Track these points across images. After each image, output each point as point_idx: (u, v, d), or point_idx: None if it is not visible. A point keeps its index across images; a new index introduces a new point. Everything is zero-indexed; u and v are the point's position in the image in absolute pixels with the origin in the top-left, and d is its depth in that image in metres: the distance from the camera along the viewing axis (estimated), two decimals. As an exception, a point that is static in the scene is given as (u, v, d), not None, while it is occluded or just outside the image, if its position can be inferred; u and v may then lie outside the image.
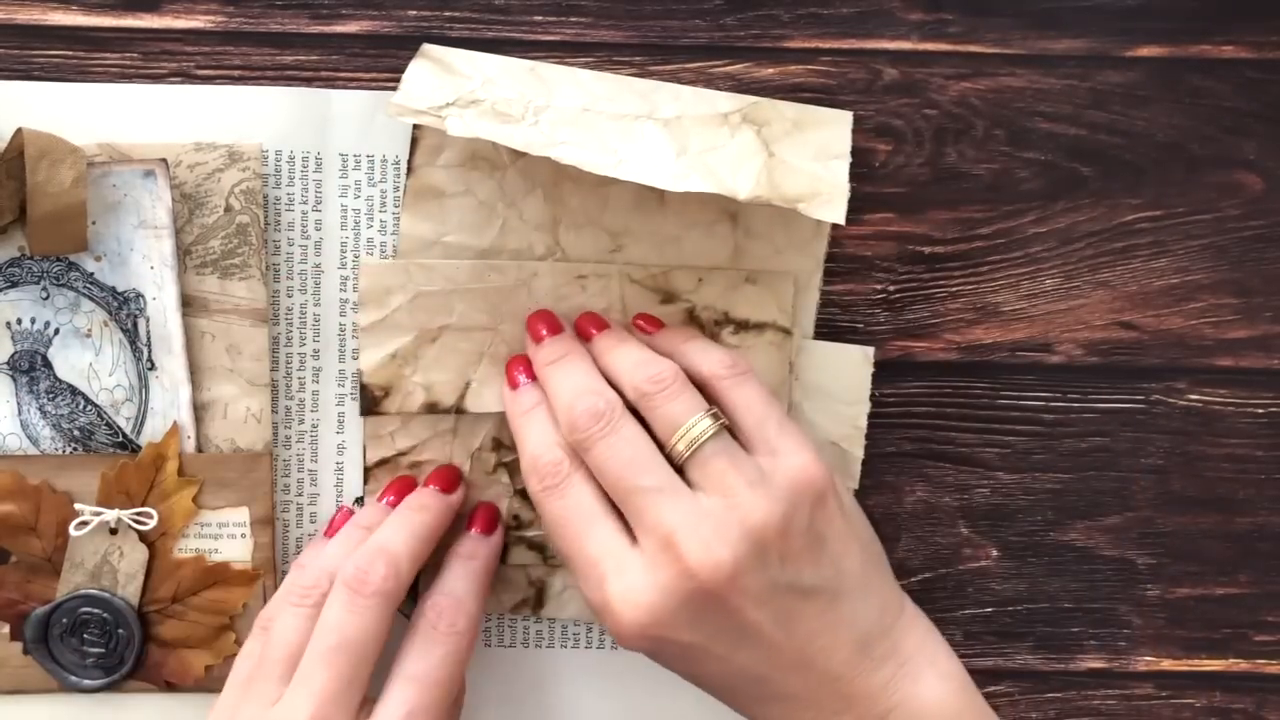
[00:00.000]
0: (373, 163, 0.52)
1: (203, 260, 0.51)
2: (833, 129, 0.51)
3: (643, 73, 0.52)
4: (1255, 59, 0.53)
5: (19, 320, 0.51)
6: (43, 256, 0.51)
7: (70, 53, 0.51)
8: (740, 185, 0.47)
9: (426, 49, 0.51)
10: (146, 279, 0.51)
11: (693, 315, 0.52)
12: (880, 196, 0.53)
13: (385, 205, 0.52)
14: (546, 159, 0.47)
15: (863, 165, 0.53)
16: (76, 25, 0.51)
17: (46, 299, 0.51)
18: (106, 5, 0.51)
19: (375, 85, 0.52)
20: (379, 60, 0.52)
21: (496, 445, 0.52)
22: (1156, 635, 0.54)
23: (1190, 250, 0.53)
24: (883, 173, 0.53)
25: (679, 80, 0.52)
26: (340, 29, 0.52)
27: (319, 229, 0.52)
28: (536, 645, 0.54)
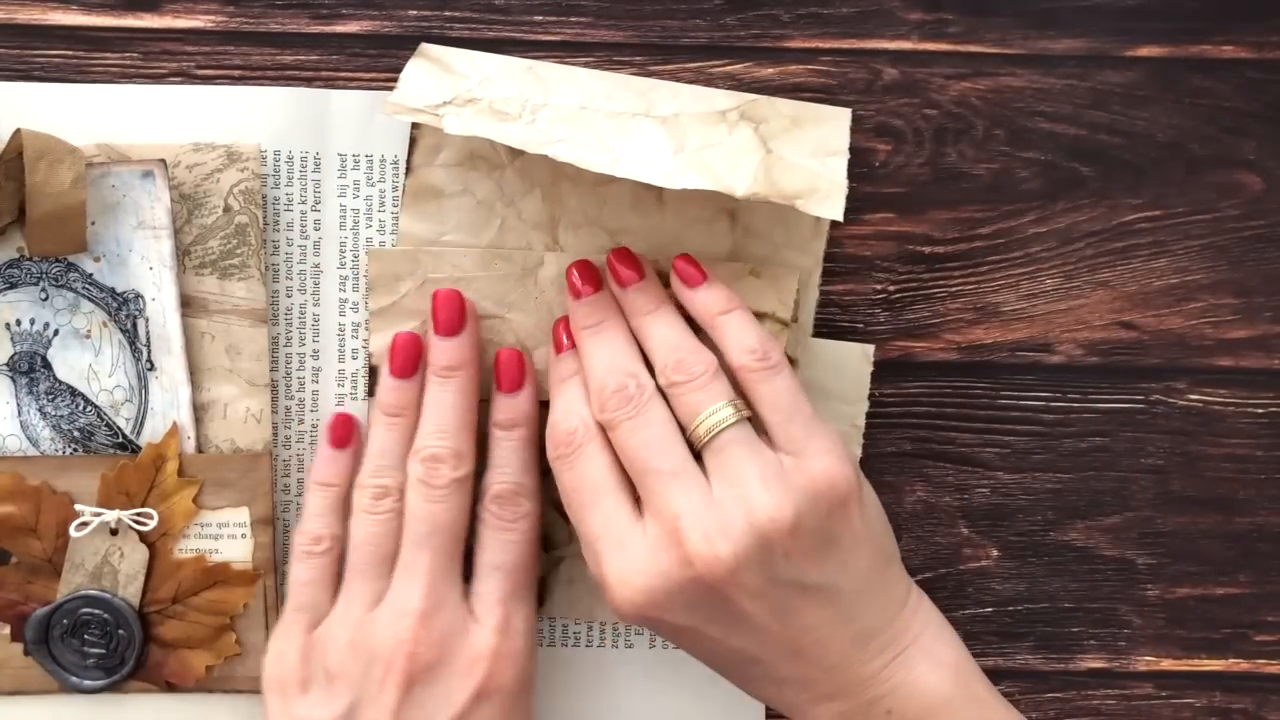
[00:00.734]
0: (371, 162, 0.52)
1: (202, 260, 0.51)
2: (831, 126, 0.51)
3: (642, 72, 0.52)
4: (1255, 59, 0.53)
5: (18, 321, 0.51)
6: (42, 257, 0.51)
7: (70, 53, 0.51)
8: (738, 182, 0.47)
9: (424, 48, 0.51)
10: (145, 279, 0.51)
11: None
12: (880, 196, 0.53)
13: (384, 205, 0.52)
14: (545, 158, 0.47)
15: (863, 165, 0.53)
16: (76, 25, 0.51)
17: (46, 300, 0.51)
18: (106, 5, 0.51)
19: (375, 85, 0.52)
20: (379, 60, 0.52)
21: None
22: (1156, 635, 0.54)
23: (1190, 250, 0.53)
24: (883, 172, 0.53)
25: (678, 80, 0.52)
26: (340, 29, 0.52)
27: (318, 229, 0.52)
28: (537, 645, 0.54)
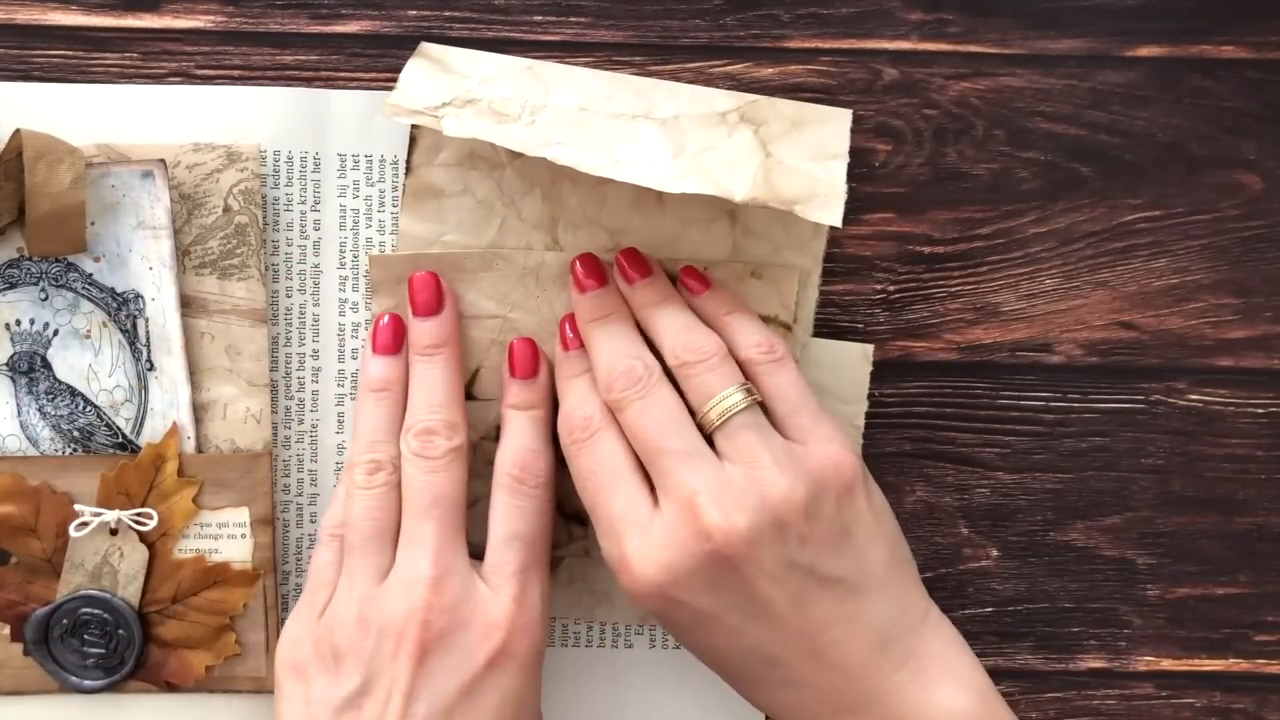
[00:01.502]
0: (371, 162, 0.52)
1: (201, 261, 0.51)
2: (831, 128, 0.51)
3: (642, 72, 0.52)
4: (1255, 59, 0.53)
5: (18, 321, 0.51)
6: (41, 257, 0.51)
7: (70, 53, 0.51)
8: (737, 187, 0.47)
9: (424, 47, 0.51)
10: (145, 280, 0.51)
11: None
12: (880, 196, 0.53)
13: (384, 205, 0.52)
14: (544, 158, 0.47)
15: (863, 165, 0.53)
16: (76, 25, 0.51)
17: (45, 300, 0.51)
18: (106, 5, 0.51)
19: (375, 85, 0.52)
20: (379, 60, 0.52)
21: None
22: (1156, 635, 0.54)
23: (1190, 250, 0.53)
24: (883, 173, 0.53)
25: (678, 80, 0.52)
26: (340, 29, 0.52)
27: (318, 229, 0.52)
28: (536, 645, 0.54)
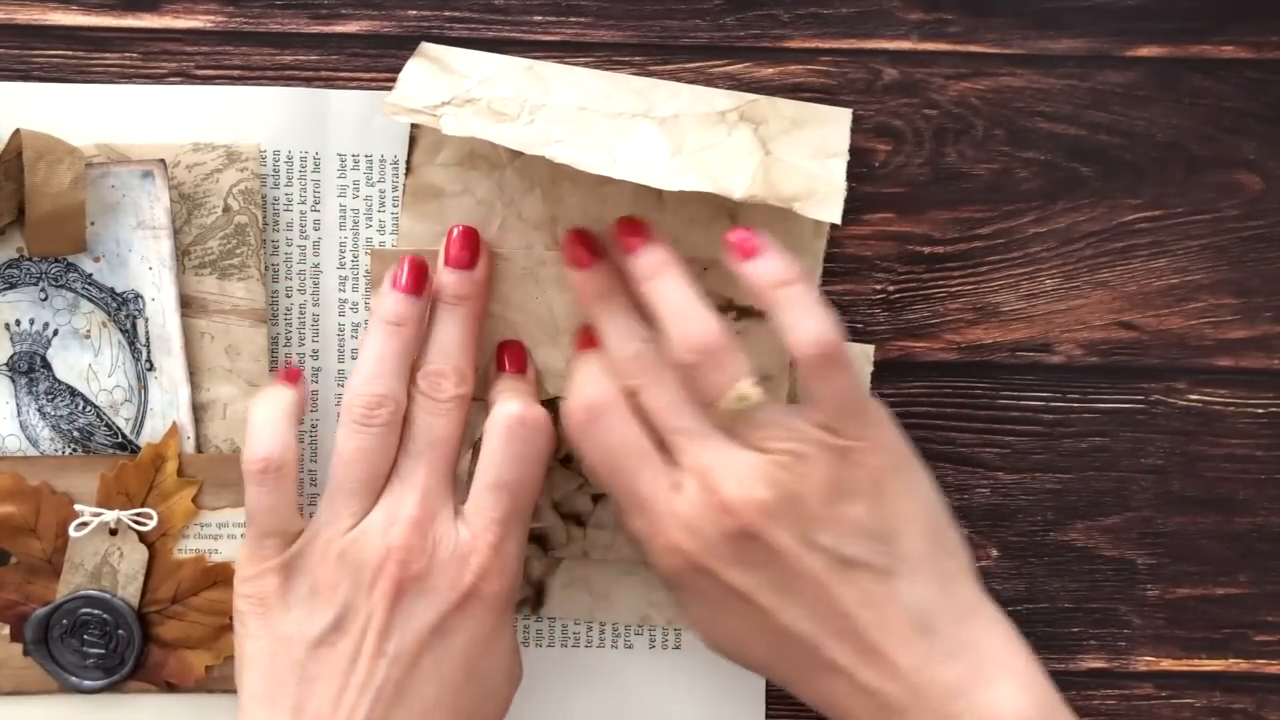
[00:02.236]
0: (371, 162, 0.52)
1: (201, 261, 0.51)
2: (831, 127, 0.51)
3: (642, 72, 0.52)
4: (1255, 59, 0.53)
5: (18, 321, 0.51)
6: (41, 257, 0.51)
7: (70, 53, 0.51)
8: (736, 184, 0.47)
9: (424, 47, 0.51)
10: (145, 280, 0.51)
11: None
12: (880, 196, 0.53)
13: (384, 205, 0.52)
14: (544, 157, 0.47)
15: (862, 165, 0.53)
16: (76, 25, 0.51)
17: (45, 300, 0.51)
18: (106, 5, 0.51)
19: (375, 85, 0.52)
20: (379, 60, 0.52)
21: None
22: (1156, 635, 0.54)
23: (1190, 250, 0.53)
24: (882, 173, 0.53)
25: (678, 80, 0.52)
26: (340, 29, 0.52)
27: (318, 229, 0.52)
28: (537, 645, 0.54)
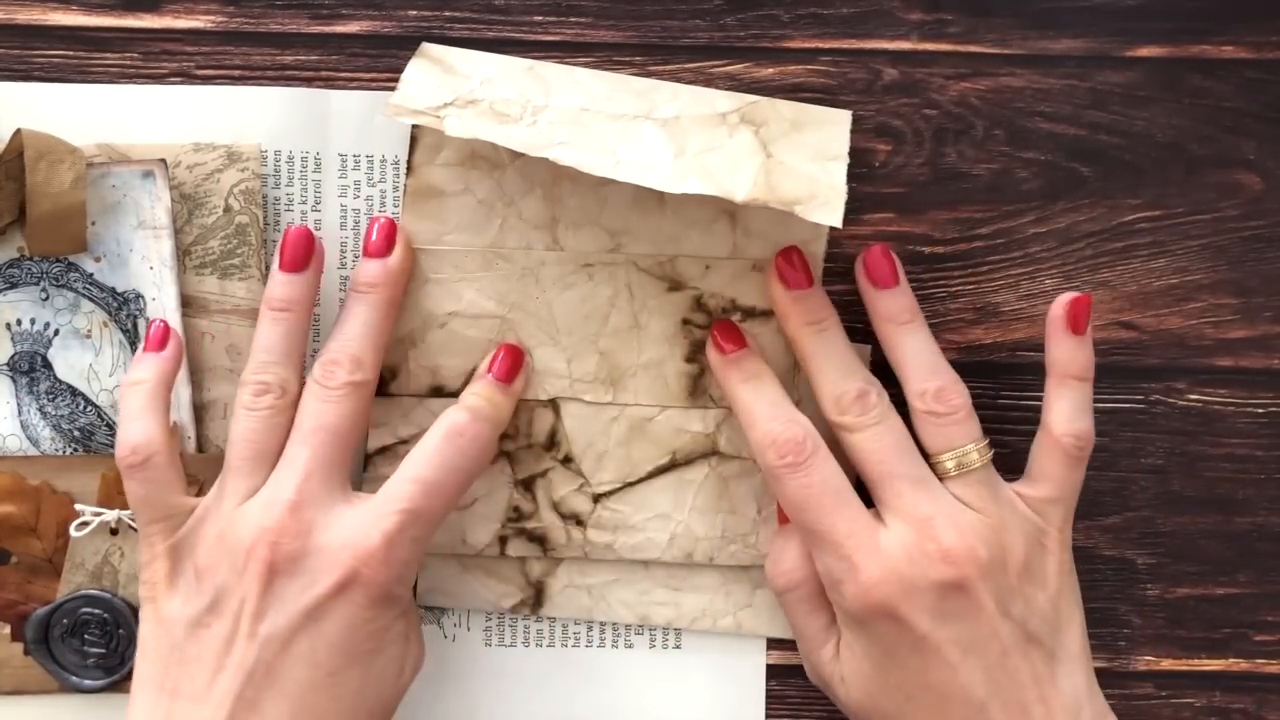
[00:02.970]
0: (372, 163, 0.52)
1: (202, 261, 0.51)
2: (831, 129, 0.51)
3: (642, 72, 0.52)
4: (1255, 59, 0.53)
5: (19, 321, 0.51)
6: (42, 257, 0.51)
7: (70, 53, 0.51)
8: (737, 187, 0.47)
9: (425, 48, 0.51)
10: (146, 279, 0.51)
11: (700, 303, 0.52)
12: (880, 196, 0.53)
13: (385, 205, 0.52)
14: (546, 158, 0.48)
15: (862, 165, 0.53)
16: (76, 25, 0.51)
17: (46, 300, 0.51)
18: (106, 5, 0.51)
19: (375, 85, 0.52)
20: (379, 60, 0.52)
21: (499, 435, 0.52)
22: (1156, 635, 0.54)
23: (1190, 250, 0.53)
24: (882, 173, 0.53)
25: (679, 80, 0.52)
26: (340, 29, 0.52)
27: (318, 229, 0.52)
28: (537, 645, 0.54)
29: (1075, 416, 0.49)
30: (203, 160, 0.51)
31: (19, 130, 0.49)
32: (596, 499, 0.53)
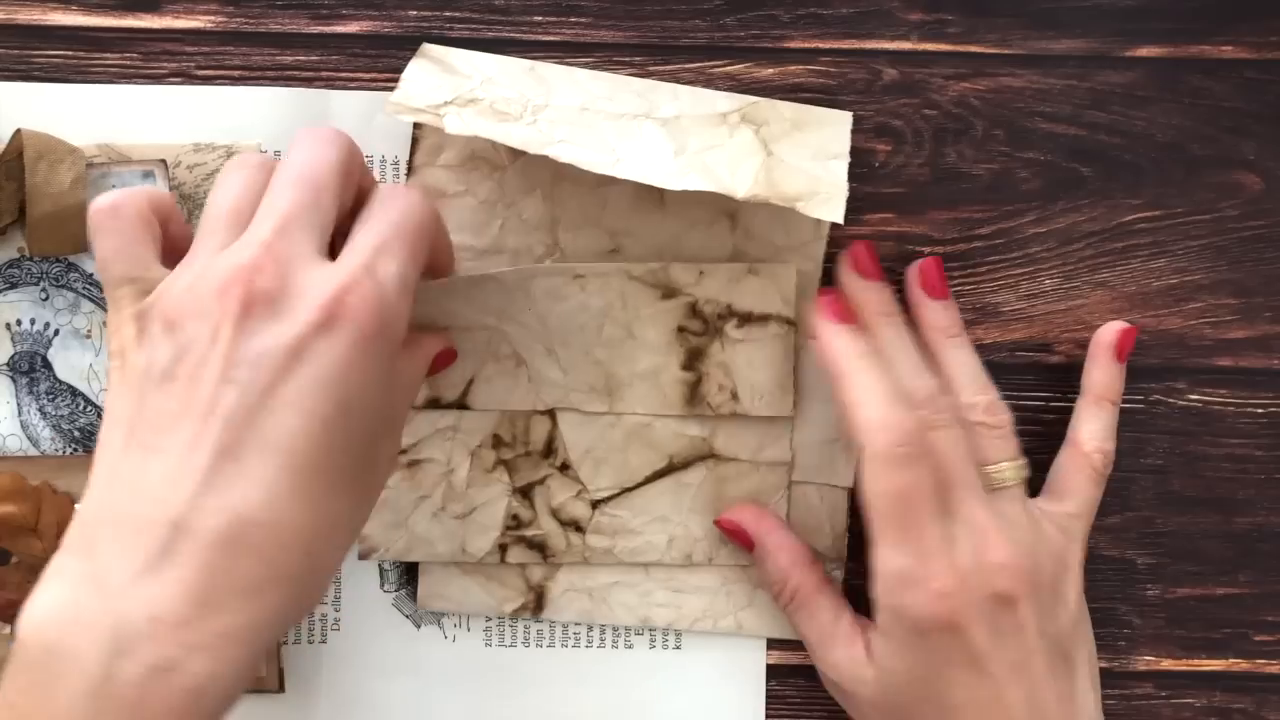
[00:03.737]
0: (372, 164, 0.52)
1: (202, 261, 0.51)
2: (832, 129, 0.51)
3: (642, 73, 0.52)
4: (1255, 59, 0.53)
5: (18, 321, 0.51)
6: (42, 257, 0.51)
7: (70, 53, 0.51)
8: (738, 184, 0.47)
9: (426, 48, 0.51)
10: (146, 279, 0.51)
11: (695, 309, 0.52)
12: (880, 196, 0.53)
13: (385, 205, 0.52)
14: (546, 159, 0.47)
15: (863, 165, 0.53)
16: (76, 25, 0.51)
17: (46, 300, 0.51)
18: (106, 5, 0.51)
19: (375, 85, 0.52)
20: (379, 60, 0.52)
21: (497, 443, 0.52)
22: (1156, 635, 0.54)
23: (1189, 250, 0.53)
24: (882, 173, 0.53)
25: (679, 80, 0.52)
26: (340, 29, 0.52)
27: (319, 229, 0.52)
28: (537, 645, 0.54)
29: (1106, 436, 0.51)
30: (203, 160, 0.51)
31: (19, 130, 0.49)
32: (595, 505, 0.53)
